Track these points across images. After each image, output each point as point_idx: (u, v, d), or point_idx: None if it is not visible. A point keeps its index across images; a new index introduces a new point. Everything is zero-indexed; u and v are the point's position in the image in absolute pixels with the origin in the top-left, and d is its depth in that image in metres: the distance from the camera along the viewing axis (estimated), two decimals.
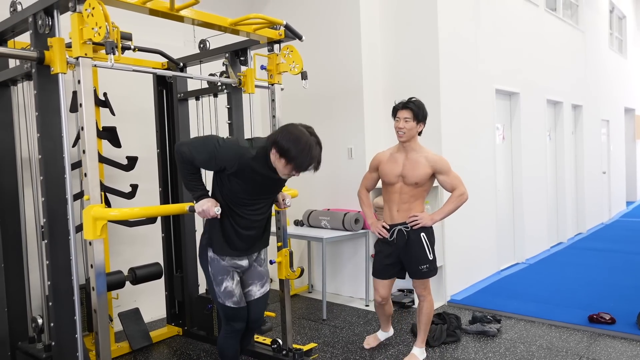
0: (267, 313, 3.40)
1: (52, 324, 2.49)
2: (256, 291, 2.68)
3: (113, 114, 3.56)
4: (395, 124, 3.11)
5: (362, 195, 3.39)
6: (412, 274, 3.20)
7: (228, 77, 3.35)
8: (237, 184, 2.40)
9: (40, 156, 2.46)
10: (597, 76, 8.75)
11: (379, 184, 3.39)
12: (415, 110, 3.07)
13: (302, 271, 3.30)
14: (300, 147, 2.27)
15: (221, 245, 2.50)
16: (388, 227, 3.19)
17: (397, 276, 3.32)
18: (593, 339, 3.65)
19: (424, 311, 3.28)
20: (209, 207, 2.37)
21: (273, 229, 3.32)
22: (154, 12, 2.57)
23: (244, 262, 2.60)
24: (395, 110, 3.15)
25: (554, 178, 7.28)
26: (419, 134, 3.15)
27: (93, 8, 2.14)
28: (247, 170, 2.37)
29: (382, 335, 3.65)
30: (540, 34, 6.61)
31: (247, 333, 2.72)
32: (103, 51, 3.26)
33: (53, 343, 2.51)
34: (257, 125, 3.45)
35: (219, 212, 2.39)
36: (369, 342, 3.59)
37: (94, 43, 2.26)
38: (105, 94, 3.53)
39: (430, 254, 3.15)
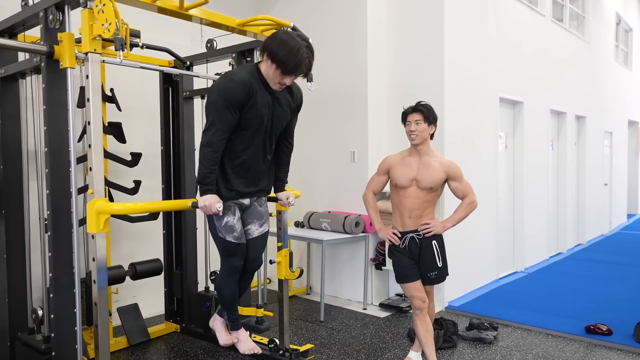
0: (265, 313, 3.41)
1: (52, 316, 2.51)
2: (255, 230, 2.72)
3: (119, 109, 3.59)
4: (407, 128, 3.08)
5: (369, 198, 3.25)
6: (422, 280, 3.18)
7: None
8: (251, 116, 2.44)
9: (46, 149, 2.49)
10: (602, 88, 8.76)
11: (386, 188, 3.38)
12: (425, 112, 3.06)
13: (302, 272, 3.30)
14: (288, 49, 2.33)
15: (227, 190, 2.54)
16: (399, 235, 3.11)
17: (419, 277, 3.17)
18: (589, 350, 3.65)
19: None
20: (211, 203, 2.39)
21: (274, 229, 3.34)
22: (162, 10, 2.60)
23: (246, 200, 2.66)
24: (405, 115, 3.13)
25: (555, 188, 7.28)
26: (431, 137, 3.14)
27: (104, 5, 2.17)
28: (253, 92, 2.41)
29: (415, 356, 3.32)
30: (546, 44, 6.63)
31: (245, 273, 2.75)
32: (111, 47, 3.31)
33: (52, 335, 2.53)
34: None
35: (221, 208, 2.42)
36: None
37: (103, 39, 2.29)
38: (112, 90, 3.56)
39: (439, 260, 3.12)
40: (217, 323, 2.88)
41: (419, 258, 3.10)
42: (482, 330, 3.86)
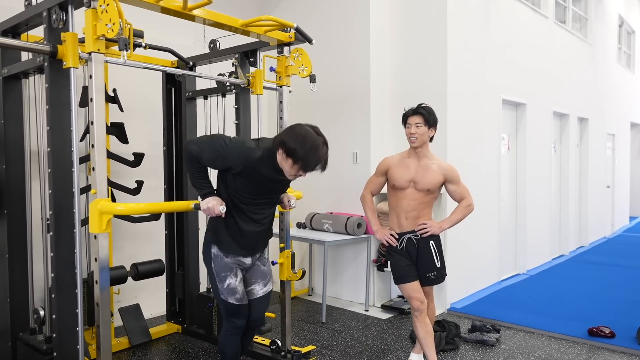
0: (267, 314, 3.41)
1: (53, 316, 2.51)
2: (259, 290, 2.69)
3: (122, 110, 3.59)
4: (407, 130, 3.09)
5: (367, 199, 3.27)
6: (420, 281, 3.17)
7: (237, 77, 3.37)
8: (242, 183, 2.42)
9: (49, 149, 2.48)
10: (604, 90, 8.75)
11: (384, 190, 3.38)
12: (426, 115, 3.06)
13: (304, 273, 3.30)
14: (307, 147, 2.28)
15: (225, 243, 2.52)
16: (397, 236, 3.12)
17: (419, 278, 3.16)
18: (592, 352, 3.64)
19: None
20: (214, 205, 2.39)
21: (276, 230, 3.33)
22: (165, 11, 2.60)
23: (248, 260, 2.62)
24: (405, 117, 3.13)
25: (557, 190, 7.27)
26: (431, 140, 3.14)
27: (107, 4, 2.16)
28: (252, 170, 2.39)
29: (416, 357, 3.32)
30: (549, 46, 6.62)
31: (248, 332, 2.73)
32: (114, 47, 3.30)
33: (54, 335, 2.52)
34: (264, 127, 3.47)
35: (224, 210, 2.40)
36: None
37: (106, 39, 2.29)
38: (114, 90, 3.56)
39: (438, 261, 3.12)
40: None
41: (417, 259, 3.10)
42: (484, 333, 3.85)
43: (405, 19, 4.83)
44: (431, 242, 3.10)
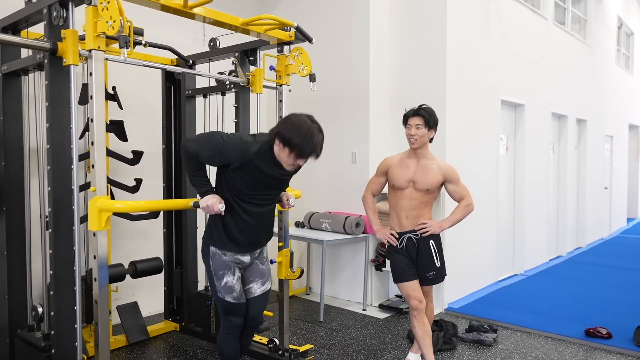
0: (265, 312, 3.41)
1: (52, 313, 2.51)
2: (257, 289, 2.69)
3: (121, 107, 3.58)
4: (407, 131, 3.10)
5: (368, 200, 3.29)
6: (420, 281, 3.18)
7: (237, 76, 3.37)
8: (241, 178, 2.42)
9: (48, 146, 2.48)
10: (603, 91, 8.77)
11: (384, 189, 3.39)
12: (426, 117, 3.07)
13: (302, 272, 3.30)
14: (302, 134, 2.30)
15: (223, 241, 2.52)
16: (397, 236, 3.13)
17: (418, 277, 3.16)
18: (589, 353, 3.65)
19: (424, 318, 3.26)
20: (213, 202, 2.39)
21: (275, 229, 3.34)
22: (166, 9, 2.60)
23: (246, 259, 2.62)
24: (406, 118, 3.14)
25: (555, 191, 7.28)
26: (430, 140, 3.16)
27: (108, 2, 2.17)
28: (251, 165, 2.39)
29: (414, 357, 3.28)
30: (548, 47, 6.63)
31: (246, 331, 2.72)
32: (114, 45, 3.30)
33: (52, 332, 2.52)
34: (263, 126, 3.47)
35: (223, 208, 2.41)
36: None
37: (106, 37, 2.29)
38: (114, 88, 3.56)
39: (437, 261, 3.13)
40: None
41: (417, 258, 3.11)
42: (481, 333, 3.86)
43: (405, 19, 4.84)
44: (431, 241, 3.11)
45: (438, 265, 3.13)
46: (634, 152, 11.77)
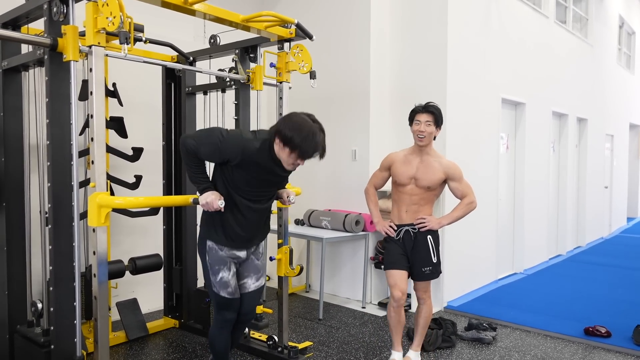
0: (264, 309, 3.42)
1: (51, 309, 2.51)
2: (251, 284, 2.70)
3: (121, 104, 3.58)
4: (415, 127, 3.09)
5: (370, 192, 3.33)
6: (415, 276, 3.20)
7: (237, 73, 3.37)
8: (240, 175, 2.42)
9: (48, 142, 2.48)
10: (604, 90, 8.76)
11: (386, 187, 3.40)
12: (436, 114, 3.08)
13: (302, 269, 3.30)
14: (303, 134, 2.29)
15: (220, 236, 2.52)
16: (395, 227, 3.18)
17: (408, 271, 3.18)
18: (588, 352, 3.65)
19: (423, 314, 3.27)
20: (212, 199, 2.39)
21: (274, 226, 3.34)
22: (166, 5, 2.60)
23: (242, 254, 2.62)
24: (414, 113, 3.14)
25: (555, 190, 7.28)
26: (434, 138, 3.16)
27: None
28: (251, 162, 2.39)
29: (397, 355, 3.27)
30: (549, 46, 6.62)
31: (238, 325, 2.73)
32: (114, 42, 3.30)
33: (52, 328, 2.52)
34: (263, 123, 3.47)
35: (223, 205, 2.40)
36: None
37: (107, 33, 2.29)
38: (114, 84, 3.56)
39: (434, 256, 3.15)
40: None
41: (412, 251, 3.14)
42: (481, 331, 3.86)
43: (406, 17, 4.83)
44: (429, 236, 3.14)
45: (434, 261, 3.15)
46: (634, 151, 11.76)
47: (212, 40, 3.63)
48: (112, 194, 3.53)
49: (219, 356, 2.72)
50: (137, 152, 3.58)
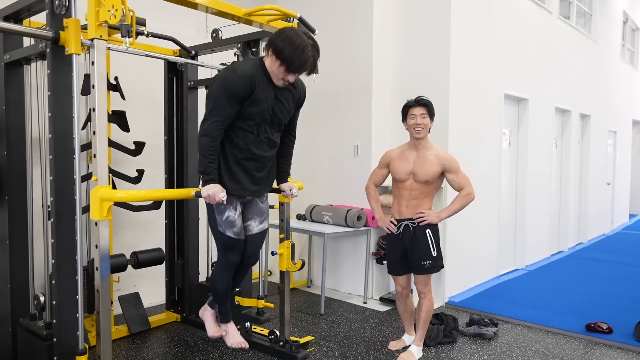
0: (265, 304, 3.42)
1: (54, 302, 2.52)
2: (255, 226, 2.71)
3: (123, 98, 3.58)
4: (411, 121, 3.12)
5: (371, 190, 3.40)
6: (415, 269, 3.22)
7: None
8: (251, 111, 2.42)
9: (50, 136, 2.48)
10: (607, 87, 8.72)
11: (386, 183, 3.41)
12: (430, 106, 3.16)
13: (303, 264, 3.31)
14: (294, 47, 2.31)
15: (227, 183, 2.51)
16: (396, 223, 3.23)
17: (410, 271, 3.30)
18: (589, 348, 3.65)
19: (424, 309, 3.29)
20: (215, 192, 2.38)
21: (276, 221, 3.33)
22: None
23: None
24: (407, 108, 3.16)
25: (558, 186, 7.27)
26: (428, 131, 3.19)
27: None
28: (255, 83, 2.39)
29: (408, 338, 3.54)
30: (552, 41, 6.59)
31: (241, 268, 2.75)
32: (116, 35, 3.30)
33: (54, 321, 2.53)
34: None
35: (225, 197, 2.40)
36: (394, 345, 3.52)
37: (109, 26, 2.28)
38: (116, 78, 3.55)
39: (434, 250, 3.17)
40: (207, 314, 2.88)
41: (411, 246, 3.17)
42: (482, 326, 3.87)
43: (408, 12, 4.81)
44: (428, 230, 3.17)
45: (434, 255, 3.17)
46: (637, 148, 11.73)
47: (214, 35, 3.62)
48: (114, 187, 3.54)
49: (220, 298, 2.74)
50: (139, 146, 3.57)
